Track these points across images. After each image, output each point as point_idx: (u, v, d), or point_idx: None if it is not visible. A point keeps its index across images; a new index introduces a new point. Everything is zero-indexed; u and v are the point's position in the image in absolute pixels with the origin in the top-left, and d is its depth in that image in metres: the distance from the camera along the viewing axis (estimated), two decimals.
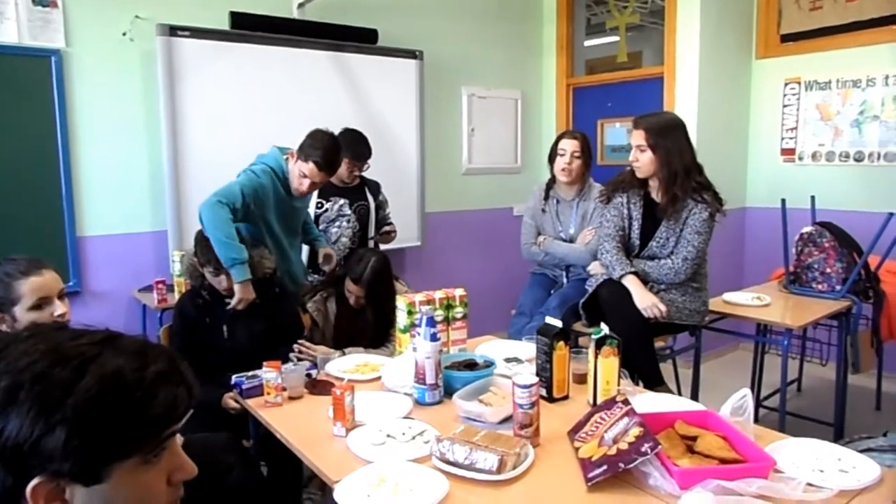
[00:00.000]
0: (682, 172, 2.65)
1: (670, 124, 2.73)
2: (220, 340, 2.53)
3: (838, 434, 3.13)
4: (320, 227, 3.42)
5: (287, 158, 2.86)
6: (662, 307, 2.62)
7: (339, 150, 2.89)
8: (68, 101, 3.35)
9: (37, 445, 0.72)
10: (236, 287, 2.51)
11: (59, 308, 1.79)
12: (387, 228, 3.62)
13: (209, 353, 2.44)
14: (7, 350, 0.77)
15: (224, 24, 3.70)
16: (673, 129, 2.70)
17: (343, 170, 3.37)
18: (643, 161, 2.70)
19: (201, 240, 2.55)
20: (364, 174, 3.57)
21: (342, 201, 3.46)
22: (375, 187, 3.62)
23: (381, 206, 3.62)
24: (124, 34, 3.46)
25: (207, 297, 2.58)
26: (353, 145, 3.39)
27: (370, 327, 2.69)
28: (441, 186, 4.77)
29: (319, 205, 3.43)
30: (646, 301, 2.63)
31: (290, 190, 2.86)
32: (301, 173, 2.79)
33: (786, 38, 4.48)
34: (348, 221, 3.45)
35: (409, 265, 4.56)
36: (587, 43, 5.21)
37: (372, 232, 3.57)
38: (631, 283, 2.67)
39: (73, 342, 0.78)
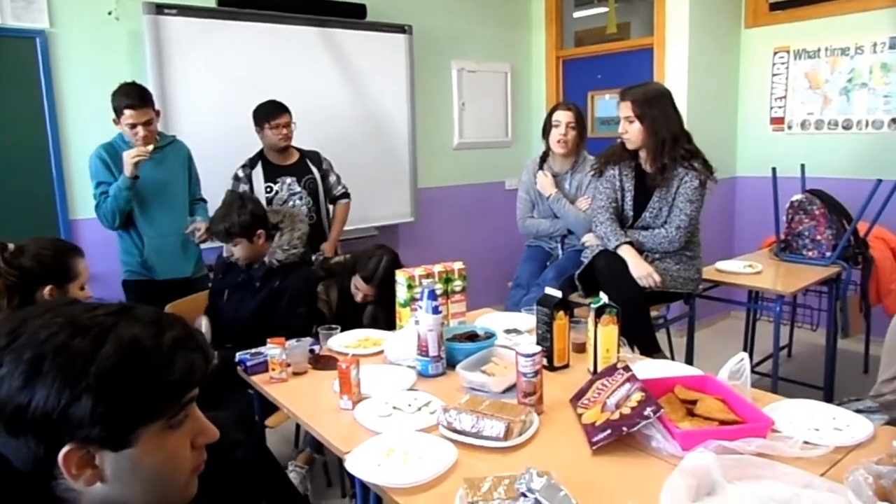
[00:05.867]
0: (670, 140, 2.68)
1: (656, 93, 2.76)
2: (220, 302, 2.67)
3: (828, 397, 3.20)
4: None
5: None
6: (657, 277, 2.66)
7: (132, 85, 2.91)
8: (55, 83, 3.31)
9: (65, 414, 0.75)
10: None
11: (88, 290, 1.85)
12: (341, 202, 3.60)
13: (211, 311, 2.57)
14: (26, 324, 0.79)
15: (211, 2, 3.66)
16: (659, 97, 2.73)
17: (270, 136, 3.34)
18: (632, 132, 2.73)
19: (227, 203, 2.62)
20: (302, 147, 3.52)
21: (290, 180, 3.42)
22: (316, 157, 3.55)
23: (326, 174, 3.56)
24: (110, 13, 3.41)
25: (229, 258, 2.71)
26: (263, 111, 3.35)
27: (380, 322, 2.65)
28: (433, 162, 4.76)
29: (268, 189, 3.38)
30: (641, 270, 2.66)
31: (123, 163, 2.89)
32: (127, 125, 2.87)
33: (774, 7, 4.47)
34: (301, 199, 3.42)
35: (403, 241, 4.57)
36: (576, 14, 5.18)
37: (323, 203, 3.54)
38: (626, 252, 2.71)
39: (89, 314, 0.80)
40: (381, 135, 4.33)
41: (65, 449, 0.76)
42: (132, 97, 2.85)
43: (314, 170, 3.52)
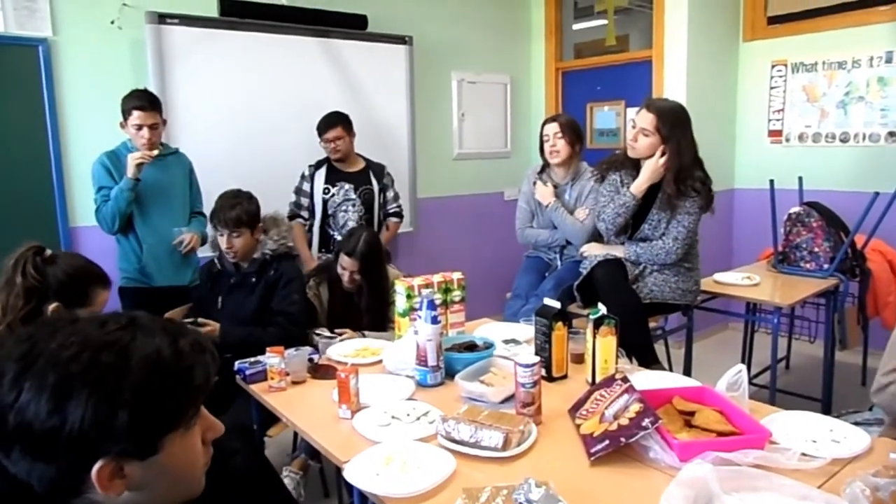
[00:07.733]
0: (689, 166, 2.69)
1: (682, 116, 2.73)
2: (213, 311, 2.62)
3: (826, 409, 3.20)
4: (329, 213, 3.49)
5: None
6: (662, 159, 2.67)
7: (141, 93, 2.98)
8: (57, 91, 3.33)
9: (102, 431, 0.75)
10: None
11: None
12: (392, 220, 3.73)
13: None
14: (38, 346, 0.78)
15: (213, 11, 3.68)
16: (684, 121, 2.72)
17: (323, 148, 3.51)
18: (641, 144, 2.71)
19: (233, 194, 2.66)
20: (369, 158, 3.67)
21: (347, 186, 3.54)
22: (380, 170, 3.68)
23: (384, 188, 3.68)
24: (112, 22, 3.42)
25: (219, 266, 2.73)
26: (319, 124, 3.50)
27: (367, 308, 2.71)
28: (432, 172, 4.78)
29: (326, 190, 3.52)
30: (647, 173, 2.69)
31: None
32: (134, 126, 2.92)
33: (772, 21, 4.51)
34: (353, 206, 3.53)
35: (402, 250, 4.58)
36: (575, 26, 5.22)
37: (377, 216, 3.63)
38: (636, 188, 2.72)
39: (101, 330, 0.81)
40: (381, 145, 4.34)
41: (99, 464, 0.77)
42: (142, 99, 2.94)
43: (374, 182, 3.62)
